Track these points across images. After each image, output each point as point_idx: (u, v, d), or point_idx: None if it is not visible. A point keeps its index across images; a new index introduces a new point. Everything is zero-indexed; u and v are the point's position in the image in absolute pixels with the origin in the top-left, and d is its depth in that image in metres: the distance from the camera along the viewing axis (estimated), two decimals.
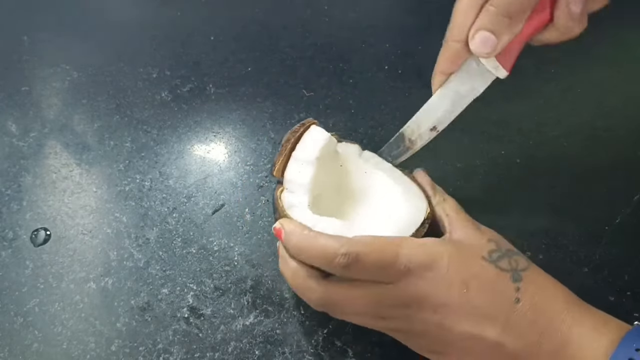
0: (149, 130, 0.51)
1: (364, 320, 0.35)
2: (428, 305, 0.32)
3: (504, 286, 0.32)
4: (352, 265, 0.32)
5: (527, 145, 0.48)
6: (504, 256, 0.33)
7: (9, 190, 0.48)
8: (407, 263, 0.32)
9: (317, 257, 0.33)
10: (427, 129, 0.39)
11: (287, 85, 0.53)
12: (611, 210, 0.45)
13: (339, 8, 0.59)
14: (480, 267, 0.33)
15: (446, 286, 0.32)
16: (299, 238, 0.34)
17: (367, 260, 0.32)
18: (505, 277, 0.32)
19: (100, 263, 0.44)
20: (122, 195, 0.47)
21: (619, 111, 0.50)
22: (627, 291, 0.41)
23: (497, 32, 0.34)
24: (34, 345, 0.40)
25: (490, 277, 0.32)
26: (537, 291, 0.32)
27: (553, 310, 0.31)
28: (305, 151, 0.38)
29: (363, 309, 0.34)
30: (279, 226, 0.35)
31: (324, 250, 0.33)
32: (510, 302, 0.31)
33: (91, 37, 0.58)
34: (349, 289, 0.34)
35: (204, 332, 0.40)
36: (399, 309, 0.33)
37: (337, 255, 0.32)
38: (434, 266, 0.32)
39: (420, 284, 0.32)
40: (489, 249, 0.34)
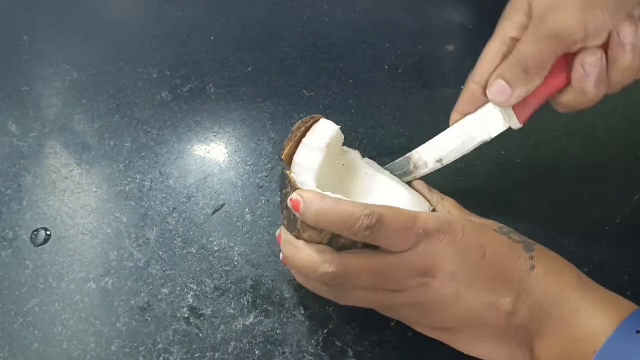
0: (149, 130, 0.51)
1: (376, 297, 0.35)
2: (445, 271, 0.32)
3: (518, 254, 0.33)
4: (376, 227, 0.31)
5: (527, 145, 0.48)
6: (512, 232, 0.35)
7: (9, 190, 0.48)
8: (424, 227, 0.32)
9: (339, 220, 0.32)
10: (433, 160, 0.40)
11: (287, 85, 0.53)
12: (611, 210, 0.45)
13: (339, 8, 0.59)
14: (493, 236, 0.34)
15: (463, 250, 0.32)
16: (320, 204, 0.32)
17: (390, 222, 0.32)
18: (519, 247, 0.33)
19: (100, 263, 0.44)
20: (122, 195, 0.47)
21: (619, 111, 0.50)
22: (627, 291, 0.41)
23: (513, 84, 0.35)
24: (34, 345, 0.40)
25: (505, 245, 0.33)
26: (550, 262, 0.33)
27: (564, 281, 0.32)
28: (315, 138, 0.38)
29: (378, 280, 0.34)
30: (297, 196, 0.33)
31: (347, 212, 0.32)
32: (525, 269, 0.32)
33: (91, 37, 0.58)
34: (365, 258, 0.33)
35: (204, 332, 0.40)
36: (414, 278, 0.33)
37: (361, 216, 0.31)
38: (450, 231, 0.33)
39: (437, 248, 0.32)
40: (497, 225, 0.35)
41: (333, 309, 0.41)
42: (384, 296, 0.35)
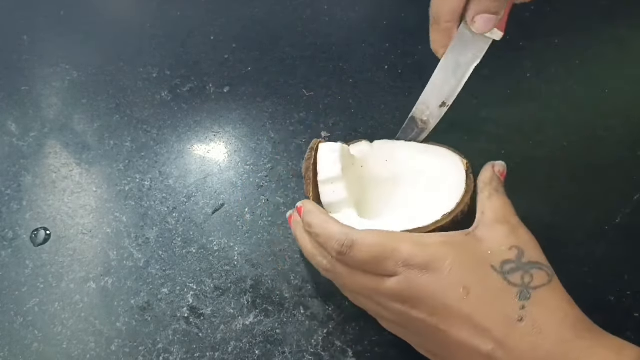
0: (149, 130, 0.51)
1: (369, 306, 0.36)
2: (424, 306, 0.31)
3: (507, 301, 0.30)
4: (346, 252, 0.33)
5: (527, 145, 0.48)
6: (518, 269, 0.31)
7: (8, 190, 0.48)
8: (405, 260, 0.31)
9: (319, 236, 0.35)
10: (437, 106, 0.40)
11: (287, 85, 0.53)
12: (611, 210, 0.45)
13: (339, 8, 0.59)
14: (485, 275, 0.31)
15: (445, 289, 0.31)
16: (313, 217, 0.36)
17: (362, 250, 0.32)
18: (511, 293, 0.30)
19: (100, 263, 0.44)
20: (122, 195, 0.47)
21: (619, 111, 0.50)
22: (627, 291, 0.41)
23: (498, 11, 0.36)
24: (33, 344, 0.40)
25: (495, 288, 0.31)
26: (545, 314, 0.30)
27: (557, 337, 0.29)
28: (327, 171, 0.38)
29: (363, 292, 0.35)
30: (301, 204, 0.38)
31: (326, 231, 0.34)
32: (511, 319, 0.30)
33: (91, 37, 0.58)
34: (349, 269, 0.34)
35: (204, 331, 0.40)
36: (395, 304, 0.33)
37: (334, 239, 0.33)
38: (434, 268, 0.31)
39: (417, 283, 0.31)
40: (503, 258, 0.32)
41: (333, 309, 0.41)
42: (373, 307, 0.35)
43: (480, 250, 0.33)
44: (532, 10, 0.57)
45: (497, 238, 0.33)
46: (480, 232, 0.34)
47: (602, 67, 0.53)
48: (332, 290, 0.42)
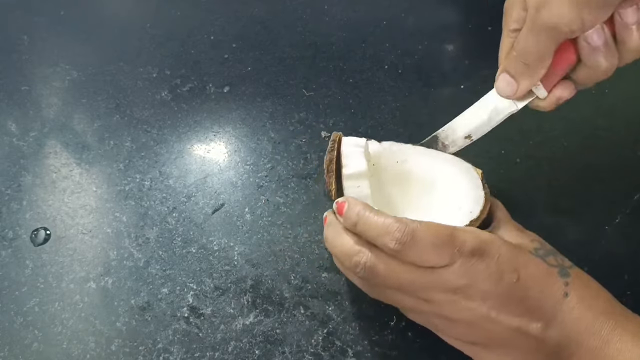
0: (149, 130, 0.51)
1: (405, 301, 0.35)
2: (477, 293, 0.32)
3: (553, 280, 0.32)
4: (407, 242, 0.32)
5: (527, 145, 0.48)
6: (549, 254, 0.34)
7: (8, 189, 0.48)
8: (460, 246, 0.32)
9: (374, 228, 0.33)
10: (462, 137, 0.40)
11: (287, 85, 0.53)
12: (611, 210, 0.45)
13: (339, 8, 0.59)
14: (528, 259, 0.33)
15: (497, 274, 0.32)
16: (360, 210, 0.34)
17: (423, 238, 0.32)
18: (554, 272, 0.33)
19: (100, 262, 0.44)
20: (122, 195, 0.47)
21: (619, 111, 0.50)
22: (627, 291, 0.41)
23: (517, 77, 0.36)
24: (33, 344, 0.40)
25: (540, 269, 0.33)
26: (584, 289, 0.32)
27: (598, 309, 0.31)
28: (353, 165, 0.37)
29: (408, 287, 0.33)
30: (344, 200, 0.35)
31: (382, 222, 0.33)
32: (559, 295, 0.32)
33: (91, 37, 0.58)
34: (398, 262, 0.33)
35: (204, 331, 0.40)
36: (446, 294, 0.32)
37: (393, 227, 0.32)
38: (487, 253, 0.32)
39: (472, 270, 0.32)
40: (533, 246, 0.34)
41: (333, 309, 0.41)
42: (411, 302, 0.34)
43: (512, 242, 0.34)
44: None
45: (516, 234, 0.35)
46: (500, 231, 0.36)
47: None
48: (332, 290, 0.42)
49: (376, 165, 0.40)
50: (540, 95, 0.37)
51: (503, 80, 0.37)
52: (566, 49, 0.35)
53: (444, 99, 0.52)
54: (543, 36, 0.33)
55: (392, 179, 0.40)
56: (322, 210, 0.45)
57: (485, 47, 0.55)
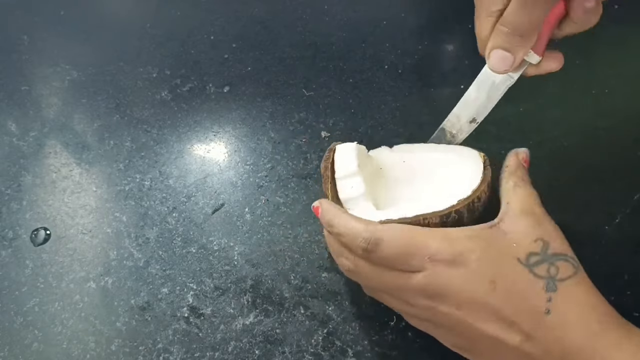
0: (149, 130, 0.51)
1: (394, 303, 0.35)
2: (451, 300, 0.31)
3: (534, 293, 0.30)
4: (372, 250, 0.32)
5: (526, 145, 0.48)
6: (543, 261, 0.31)
7: (8, 189, 0.48)
8: (432, 255, 0.31)
9: (343, 235, 0.34)
10: (467, 122, 0.40)
11: (287, 85, 0.53)
12: (611, 210, 0.45)
13: (339, 8, 0.59)
14: (512, 268, 0.31)
15: (472, 282, 0.31)
16: (332, 216, 0.35)
17: (389, 247, 0.32)
18: (538, 285, 0.30)
19: (100, 262, 0.44)
20: (122, 195, 0.47)
21: (619, 111, 0.50)
22: (627, 291, 0.41)
23: (512, 50, 0.35)
24: (33, 344, 0.40)
25: (522, 281, 0.31)
26: (572, 306, 0.30)
27: (585, 330, 0.29)
28: (344, 168, 0.38)
29: (388, 290, 0.34)
30: (317, 204, 0.36)
31: (350, 230, 0.33)
32: (538, 312, 0.30)
33: (91, 37, 0.58)
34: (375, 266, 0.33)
35: (204, 331, 0.40)
36: (421, 299, 0.32)
37: (359, 236, 0.32)
38: (461, 262, 0.31)
39: (444, 278, 0.31)
40: (529, 250, 0.31)
41: (333, 308, 0.41)
42: (398, 304, 0.35)
43: (506, 243, 0.32)
44: None
45: (522, 230, 0.33)
46: (505, 224, 0.33)
47: (602, 67, 0.53)
48: (332, 290, 0.42)
49: (383, 169, 0.41)
50: (533, 61, 0.37)
51: (497, 57, 0.36)
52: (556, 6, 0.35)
53: (444, 99, 0.51)
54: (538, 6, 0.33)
55: (400, 176, 0.41)
56: None
57: None
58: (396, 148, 0.42)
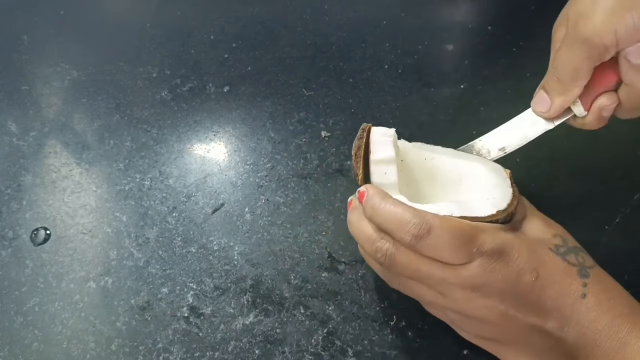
0: (149, 130, 0.51)
1: (423, 293, 0.34)
2: (494, 292, 0.32)
3: (571, 279, 0.32)
4: (423, 237, 0.31)
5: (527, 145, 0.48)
6: (570, 251, 0.33)
7: (8, 189, 0.48)
8: (479, 246, 0.31)
9: (391, 220, 0.33)
10: (496, 149, 0.40)
11: (287, 85, 0.53)
12: (611, 210, 0.45)
13: (339, 7, 0.59)
14: (547, 258, 0.33)
15: (516, 274, 0.32)
16: (377, 201, 0.33)
17: (440, 235, 0.31)
18: (573, 271, 0.32)
19: (100, 262, 0.44)
20: (122, 195, 0.47)
21: None
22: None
23: (551, 94, 0.36)
24: (33, 344, 0.40)
25: (559, 268, 0.32)
26: (603, 290, 0.32)
27: (615, 311, 0.31)
28: (381, 151, 0.37)
29: (426, 280, 0.33)
30: (364, 189, 0.35)
31: (399, 215, 0.32)
32: (576, 296, 0.31)
33: (91, 36, 0.58)
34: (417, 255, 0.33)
35: (204, 331, 0.40)
36: (463, 291, 0.32)
37: (410, 222, 0.32)
38: (506, 253, 0.32)
39: (490, 269, 0.31)
40: (555, 242, 0.34)
41: (333, 308, 0.41)
42: (430, 294, 0.34)
43: (534, 238, 0.34)
44: (532, 10, 0.57)
45: (540, 228, 0.35)
46: (524, 225, 0.35)
47: None
48: (332, 290, 0.42)
49: (404, 161, 0.40)
50: (578, 113, 0.37)
51: (538, 97, 0.37)
52: (607, 69, 0.34)
53: (444, 99, 0.52)
54: (577, 50, 0.33)
55: (420, 173, 0.40)
56: (322, 210, 0.45)
57: (485, 47, 0.55)
58: (416, 144, 0.41)
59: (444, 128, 0.42)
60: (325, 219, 0.45)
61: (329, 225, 0.45)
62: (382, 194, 0.34)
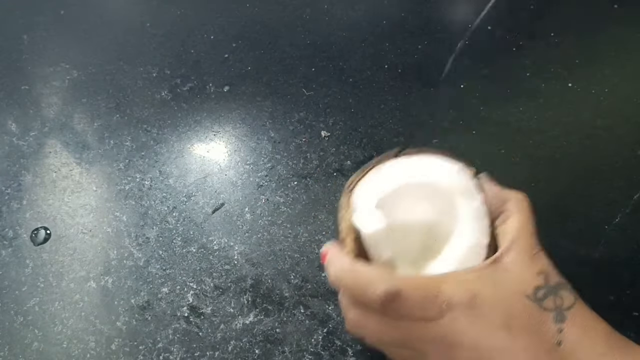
0: (149, 129, 0.51)
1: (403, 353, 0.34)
2: (469, 345, 0.31)
3: (546, 328, 0.31)
4: (392, 301, 0.31)
5: (526, 145, 0.48)
6: (549, 293, 0.32)
7: (9, 189, 0.48)
8: (449, 300, 0.31)
9: (355, 288, 0.32)
10: None
11: (287, 84, 0.53)
12: (611, 210, 0.45)
13: (339, 7, 0.59)
14: (523, 306, 0.32)
15: (488, 327, 0.31)
16: (339, 267, 0.33)
17: (409, 297, 0.31)
18: (549, 318, 0.31)
19: (100, 262, 0.44)
20: (122, 194, 0.47)
21: (619, 111, 0.50)
22: (627, 290, 0.41)
23: None
24: (34, 344, 0.40)
25: (534, 317, 0.31)
26: (580, 333, 0.31)
27: (593, 352, 0.31)
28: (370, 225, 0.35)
29: (401, 342, 0.33)
30: (325, 250, 0.34)
31: (364, 282, 0.32)
32: (551, 343, 0.31)
33: (91, 36, 0.58)
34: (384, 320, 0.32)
35: (204, 331, 0.40)
36: (438, 348, 0.32)
37: (377, 289, 0.31)
38: (476, 305, 0.31)
39: (462, 322, 0.31)
40: (535, 284, 0.32)
41: (333, 308, 0.41)
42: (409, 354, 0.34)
43: (512, 280, 0.33)
44: (532, 10, 0.57)
45: (523, 265, 0.33)
46: (507, 259, 0.33)
47: (602, 67, 0.53)
48: (332, 290, 0.42)
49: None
50: None
51: None
52: None
53: (444, 99, 0.52)
54: None
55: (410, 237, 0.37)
56: (322, 210, 0.45)
57: (485, 47, 0.55)
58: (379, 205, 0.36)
59: (443, 128, 0.42)
60: (325, 218, 0.45)
61: (329, 225, 0.45)
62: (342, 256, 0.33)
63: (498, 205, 0.37)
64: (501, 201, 0.37)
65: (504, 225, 0.35)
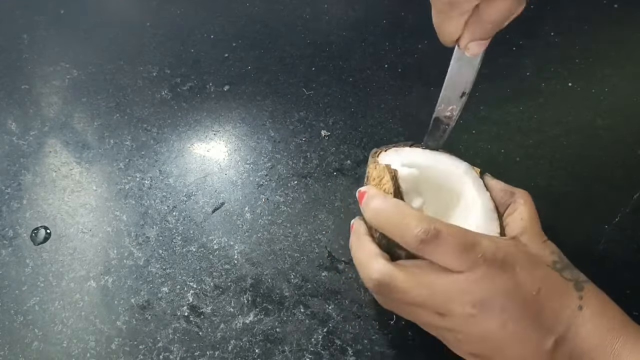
0: (149, 129, 0.51)
1: (418, 315, 0.34)
2: (496, 305, 0.31)
3: (568, 293, 0.32)
4: (431, 241, 0.31)
5: (526, 145, 0.49)
6: (566, 268, 0.34)
7: (9, 188, 0.48)
8: (484, 254, 0.31)
9: (395, 224, 0.32)
10: (458, 98, 0.39)
11: (287, 84, 0.53)
12: (611, 210, 0.45)
13: (339, 7, 0.59)
14: (548, 272, 0.33)
15: (517, 286, 0.31)
16: (381, 202, 0.33)
17: (447, 239, 0.31)
18: (569, 285, 0.33)
19: (100, 261, 0.44)
20: (122, 194, 0.47)
21: (619, 111, 0.50)
22: (627, 290, 0.41)
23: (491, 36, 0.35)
24: (34, 343, 0.40)
25: (557, 283, 0.33)
26: (597, 304, 0.32)
27: (609, 324, 0.32)
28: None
29: (424, 300, 0.32)
30: (365, 189, 0.34)
31: (405, 218, 0.32)
32: (574, 308, 0.32)
33: (91, 36, 0.58)
34: (416, 275, 0.32)
35: (204, 330, 0.40)
36: (464, 307, 0.31)
37: (417, 226, 0.31)
38: (508, 265, 0.32)
39: (492, 280, 0.31)
40: (552, 259, 0.34)
41: (333, 307, 0.41)
42: (426, 316, 0.34)
43: (534, 252, 0.34)
44: (532, 10, 0.57)
45: (538, 244, 0.35)
46: (525, 238, 0.35)
47: (602, 66, 0.53)
48: (332, 289, 0.42)
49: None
50: None
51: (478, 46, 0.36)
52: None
53: None
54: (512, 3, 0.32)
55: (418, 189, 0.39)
56: (322, 209, 0.45)
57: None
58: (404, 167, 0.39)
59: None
60: (325, 218, 0.45)
61: (328, 225, 0.45)
62: (383, 194, 0.33)
63: (505, 199, 0.38)
64: (508, 194, 0.38)
65: (513, 215, 0.37)
